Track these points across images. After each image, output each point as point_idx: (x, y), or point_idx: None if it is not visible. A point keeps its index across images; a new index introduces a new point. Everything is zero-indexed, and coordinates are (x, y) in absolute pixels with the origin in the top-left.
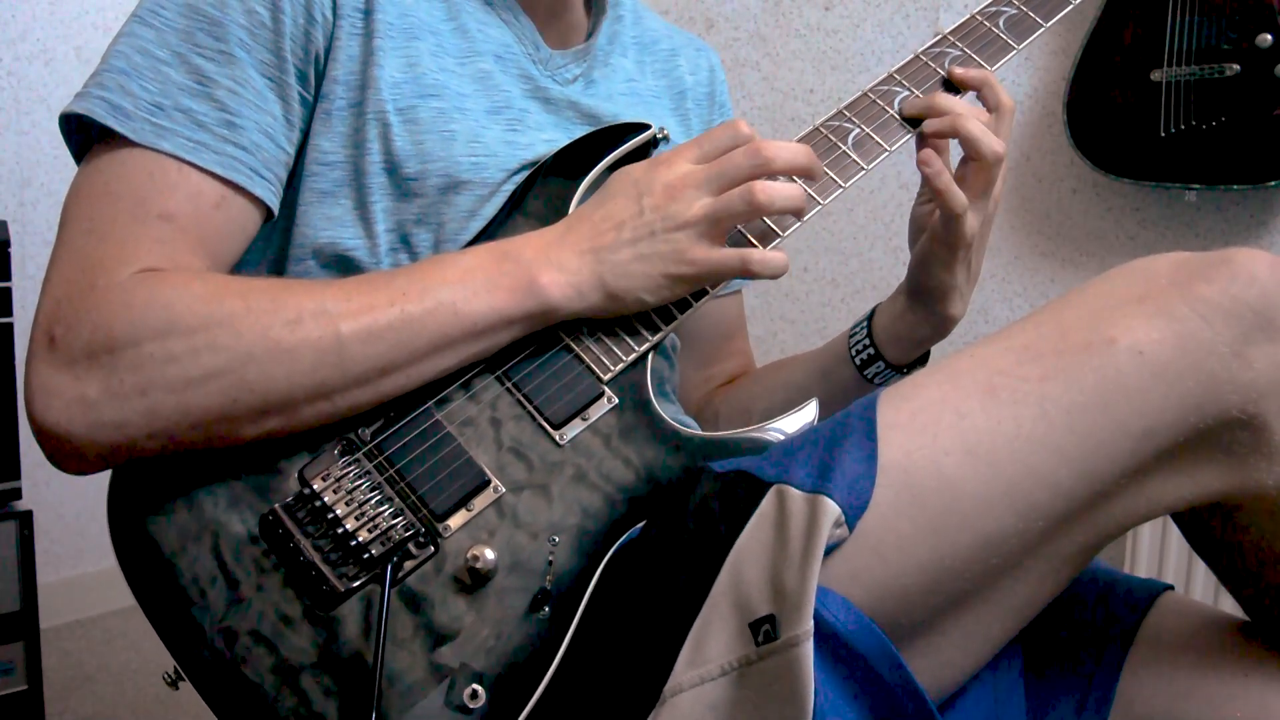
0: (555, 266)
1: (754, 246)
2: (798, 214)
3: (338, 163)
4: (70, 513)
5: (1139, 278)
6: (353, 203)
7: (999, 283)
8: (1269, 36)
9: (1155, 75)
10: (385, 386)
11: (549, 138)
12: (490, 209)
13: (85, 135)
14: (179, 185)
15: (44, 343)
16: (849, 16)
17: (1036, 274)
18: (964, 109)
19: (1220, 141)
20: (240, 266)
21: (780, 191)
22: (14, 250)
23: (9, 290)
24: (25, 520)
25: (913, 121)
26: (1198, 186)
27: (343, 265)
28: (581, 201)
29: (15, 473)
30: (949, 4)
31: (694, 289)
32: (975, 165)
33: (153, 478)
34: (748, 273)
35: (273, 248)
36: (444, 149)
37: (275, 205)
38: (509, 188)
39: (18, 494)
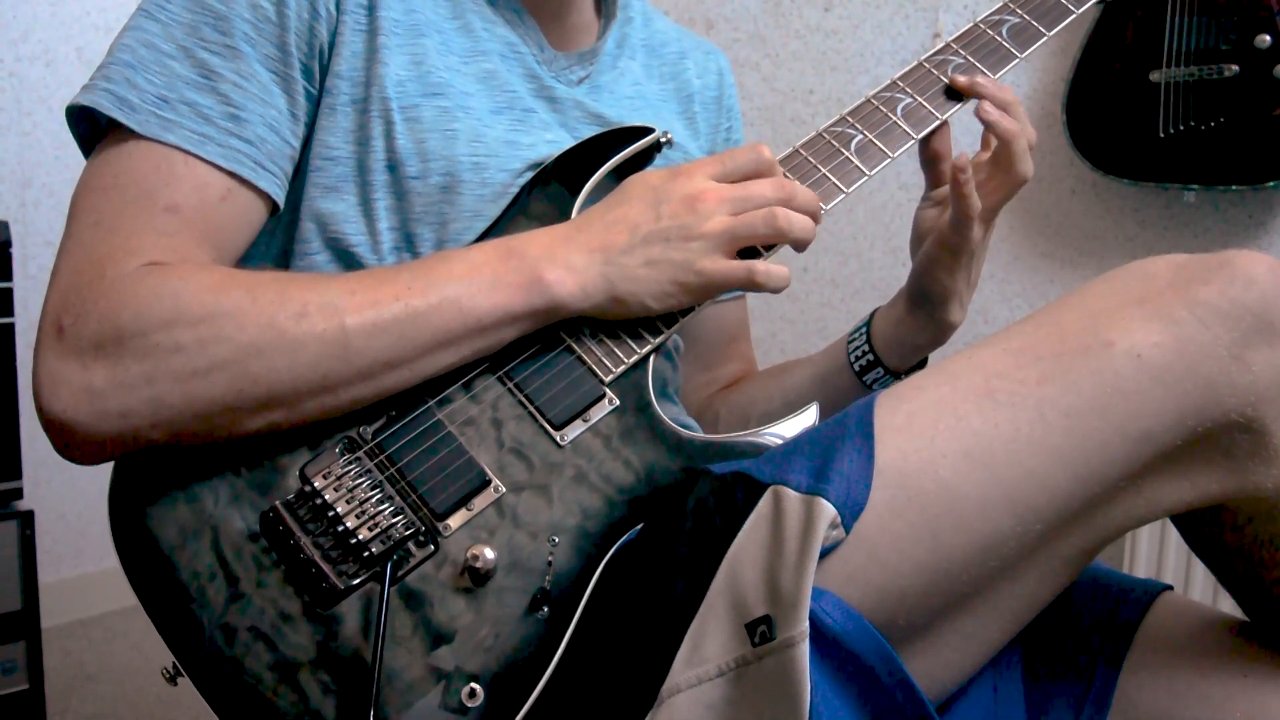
0: (562, 264)
1: (759, 257)
2: (805, 246)
3: (342, 158)
4: (71, 512)
5: (1137, 280)
6: (356, 198)
7: (998, 283)
8: (1268, 37)
9: (1154, 76)
10: (389, 381)
11: (553, 138)
12: (494, 209)
13: (92, 128)
14: (185, 178)
15: (52, 332)
16: (849, 17)
17: (1035, 274)
18: (1022, 121)
19: (1219, 142)
20: (246, 260)
21: (799, 220)
22: (15, 251)
23: (10, 291)
24: (27, 520)
25: (917, 128)
26: (1196, 187)
27: (346, 261)
28: (584, 205)
29: (16, 472)
30: (948, 5)
31: (699, 300)
32: (1001, 179)
33: (154, 473)
34: (753, 285)
35: (278, 241)
36: (446, 148)
37: (280, 199)
38: (514, 189)
39: (19, 494)
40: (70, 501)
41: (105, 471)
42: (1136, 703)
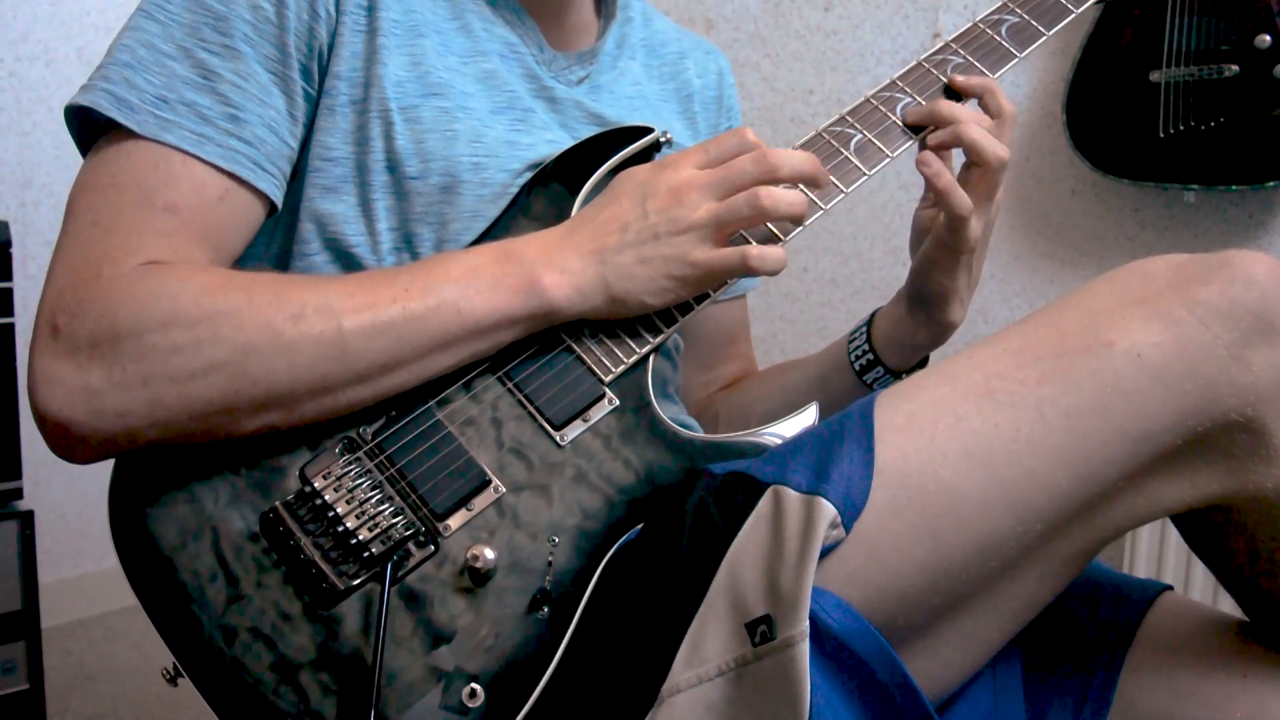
0: (558, 267)
1: (777, 243)
2: (799, 220)
3: (341, 159)
4: (71, 512)
5: (1137, 280)
6: (356, 199)
7: (998, 283)
8: (1267, 37)
9: (1154, 76)
10: (386, 383)
11: (553, 138)
12: (494, 210)
13: (90, 128)
14: (183, 178)
15: (47, 331)
16: (849, 17)
17: (1036, 274)
18: (965, 115)
19: (1219, 142)
20: (245, 260)
21: (784, 197)
22: (15, 251)
23: (10, 291)
24: (27, 520)
25: (915, 129)
26: (1196, 187)
27: (345, 261)
28: (584, 204)
29: (16, 472)
30: (948, 5)
31: (697, 291)
32: (978, 171)
33: (154, 474)
34: (748, 269)
35: (277, 242)
36: (446, 148)
37: (279, 199)
38: (514, 190)
39: (19, 494)
40: (70, 501)
41: (105, 471)
42: (1136, 703)
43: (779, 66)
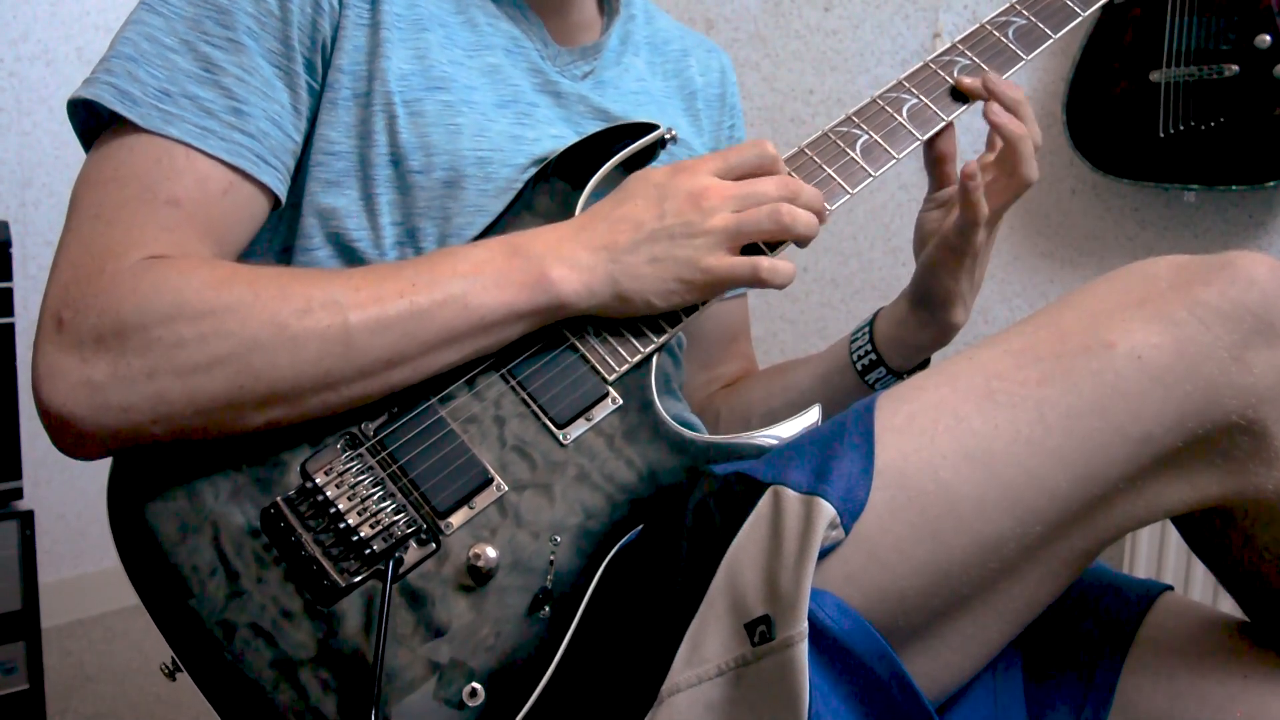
0: (567, 262)
1: (764, 254)
2: (807, 242)
3: (344, 153)
4: (71, 512)
5: (1138, 281)
6: (358, 193)
7: (998, 283)
8: (1267, 37)
9: (1154, 76)
10: (392, 378)
11: (557, 133)
12: (497, 205)
13: (93, 122)
14: (186, 171)
15: (51, 326)
16: (849, 17)
17: (1036, 274)
18: (1029, 122)
19: (1219, 142)
20: (248, 254)
21: (803, 217)
22: (15, 251)
23: (10, 291)
24: (26, 520)
25: (923, 129)
26: (1196, 187)
27: (348, 256)
28: (589, 200)
29: (16, 472)
30: (948, 5)
31: (703, 297)
32: (1006, 182)
33: (153, 468)
34: (758, 280)
35: (280, 236)
36: (450, 142)
37: (282, 193)
38: (518, 185)
39: (19, 494)
40: (70, 501)
41: (105, 471)
42: (1136, 703)
43: (779, 66)
